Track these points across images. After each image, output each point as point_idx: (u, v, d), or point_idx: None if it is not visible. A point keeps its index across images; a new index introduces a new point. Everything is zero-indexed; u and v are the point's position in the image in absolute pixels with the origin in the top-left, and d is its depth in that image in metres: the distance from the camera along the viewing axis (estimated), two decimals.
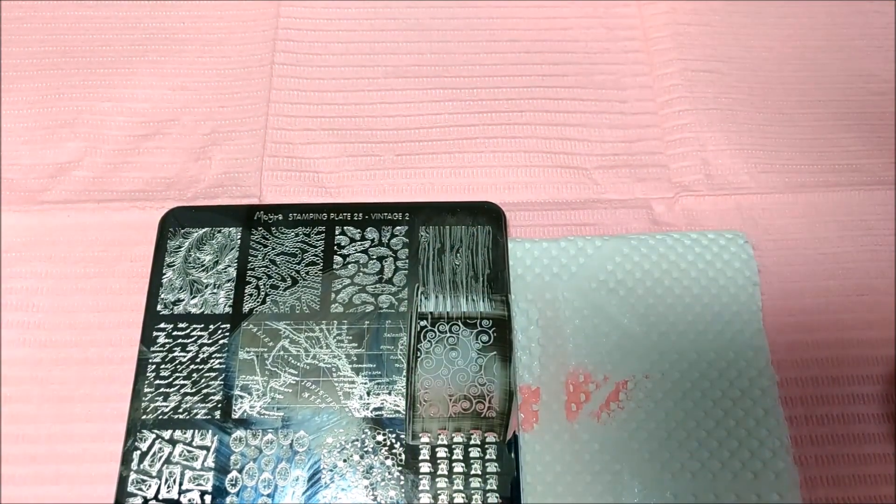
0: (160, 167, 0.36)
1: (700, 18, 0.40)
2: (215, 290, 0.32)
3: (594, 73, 0.38)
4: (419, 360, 0.31)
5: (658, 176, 0.36)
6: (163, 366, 0.30)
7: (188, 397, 0.30)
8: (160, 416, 0.30)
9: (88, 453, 0.30)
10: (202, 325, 0.31)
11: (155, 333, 0.31)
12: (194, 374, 0.30)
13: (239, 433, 0.29)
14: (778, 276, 0.33)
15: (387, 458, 0.29)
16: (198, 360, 0.31)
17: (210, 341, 0.31)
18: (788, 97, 0.38)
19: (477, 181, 0.36)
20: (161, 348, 0.31)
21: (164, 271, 0.32)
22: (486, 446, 0.29)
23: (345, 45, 0.39)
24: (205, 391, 0.30)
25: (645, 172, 0.36)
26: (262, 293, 0.32)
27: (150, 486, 0.29)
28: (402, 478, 0.29)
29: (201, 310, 0.31)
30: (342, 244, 0.33)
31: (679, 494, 0.29)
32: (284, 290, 0.32)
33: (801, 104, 0.38)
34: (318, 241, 0.33)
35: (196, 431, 0.29)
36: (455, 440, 0.29)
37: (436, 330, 0.31)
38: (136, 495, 0.28)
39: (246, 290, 0.32)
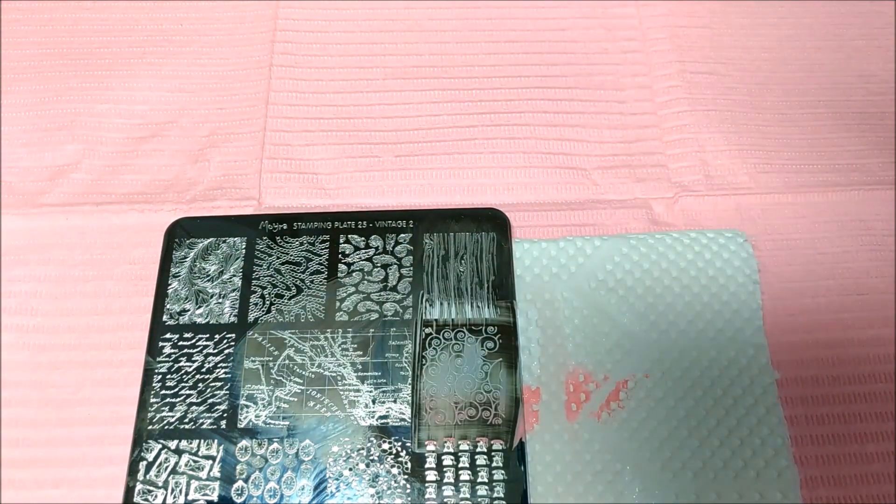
0: (159, 169, 0.36)
1: (699, 20, 0.40)
2: (220, 300, 0.32)
3: (593, 73, 0.38)
4: (424, 367, 0.30)
5: (657, 176, 0.36)
6: (168, 376, 0.30)
7: (194, 407, 0.30)
8: (166, 427, 0.30)
9: (89, 457, 0.30)
10: (208, 335, 0.31)
11: (161, 344, 0.31)
12: (200, 384, 0.30)
13: (244, 442, 0.29)
14: (777, 275, 0.34)
15: (393, 466, 0.29)
16: (203, 369, 0.31)
17: (215, 351, 0.31)
18: (788, 97, 0.38)
19: (476, 182, 0.36)
20: (167, 358, 0.31)
21: (169, 281, 0.32)
22: (493, 454, 0.29)
23: (343, 46, 0.39)
24: (210, 401, 0.30)
25: (644, 173, 0.36)
26: (268, 302, 0.32)
27: (156, 496, 0.29)
28: (408, 486, 0.29)
29: (207, 319, 0.31)
30: (346, 252, 0.33)
31: (681, 494, 0.29)
32: (289, 298, 0.32)
33: (801, 104, 0.38)
34: (322, 249, 0.33)
35: (202, 441, 0.29)
36: (461, 448, 0.29)
37: (441, 337, 0.31)
38: None
39: (251, 300, 0.32)
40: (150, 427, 0.30)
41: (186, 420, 0.30)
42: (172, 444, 0.29)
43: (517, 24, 0.39)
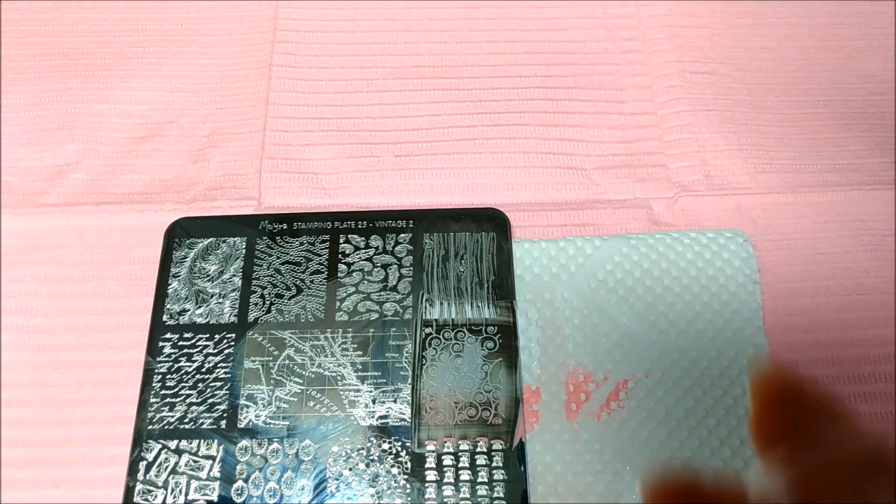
0: (158, 169, 0.36)
1: (699, 20, 0.40)
2: (220, 300, 0.32)
3: (593, 73, 0.38)
4: (424, 367, 0.30)
5: (657, 176, 0.36)
6: (168, 376, 0.30)
7: (194, 407, 0.30)
8: (166, 426, 0.30)
9: (89, 457, 0.30)
10: (207, 335, 0.31)
11: (161, 344, 0.31)
12: (200, 384, 0.30)
13: (244, 442, 0.29)
14: (777, 275, 0.34)
15: (392, 466, 0.29)
16: (203, 369, 0.31)
17: (215, 351, 0.31)
18: (788, 97, 0.38)
19: (476, 182, 0.36)
20: (167, 358, 0.31)
21: (169, 281, 0.32)
22: (493, 454, 0.29)
23: (343, 46, 0.39)
24: (210, 401, 0.30)
25: (644, 173, 0.36)
26: (268, 302, 0.32)
27: (156, 496, 0.29)
28: (408, 486, 0.29)
29: (207, 319, 0.31)
30: (346, 252, 0.33)
31: None
32: (289, 298, 0.32)
33: (801, 104, 0.38)
34: (322, 249, 0.33)
35: (202, 441, 0.29)
36: (461, 448, 0.29)
37: (441, 337, 0.31)
38: None
39: (251, 300, 0.32)
40: (150, 427, 0.30)
41: (186, 420, 0.30)
42: (172, 444, 0.29)
43: (517, 24, 0.39)
